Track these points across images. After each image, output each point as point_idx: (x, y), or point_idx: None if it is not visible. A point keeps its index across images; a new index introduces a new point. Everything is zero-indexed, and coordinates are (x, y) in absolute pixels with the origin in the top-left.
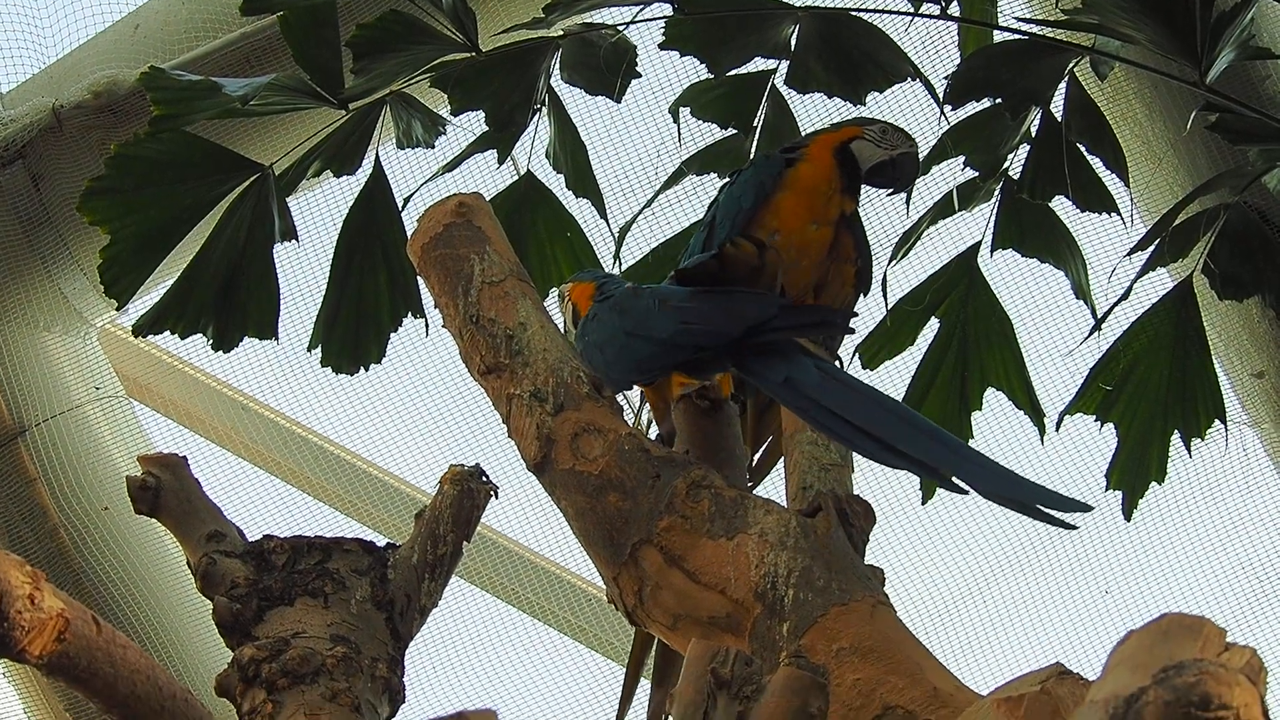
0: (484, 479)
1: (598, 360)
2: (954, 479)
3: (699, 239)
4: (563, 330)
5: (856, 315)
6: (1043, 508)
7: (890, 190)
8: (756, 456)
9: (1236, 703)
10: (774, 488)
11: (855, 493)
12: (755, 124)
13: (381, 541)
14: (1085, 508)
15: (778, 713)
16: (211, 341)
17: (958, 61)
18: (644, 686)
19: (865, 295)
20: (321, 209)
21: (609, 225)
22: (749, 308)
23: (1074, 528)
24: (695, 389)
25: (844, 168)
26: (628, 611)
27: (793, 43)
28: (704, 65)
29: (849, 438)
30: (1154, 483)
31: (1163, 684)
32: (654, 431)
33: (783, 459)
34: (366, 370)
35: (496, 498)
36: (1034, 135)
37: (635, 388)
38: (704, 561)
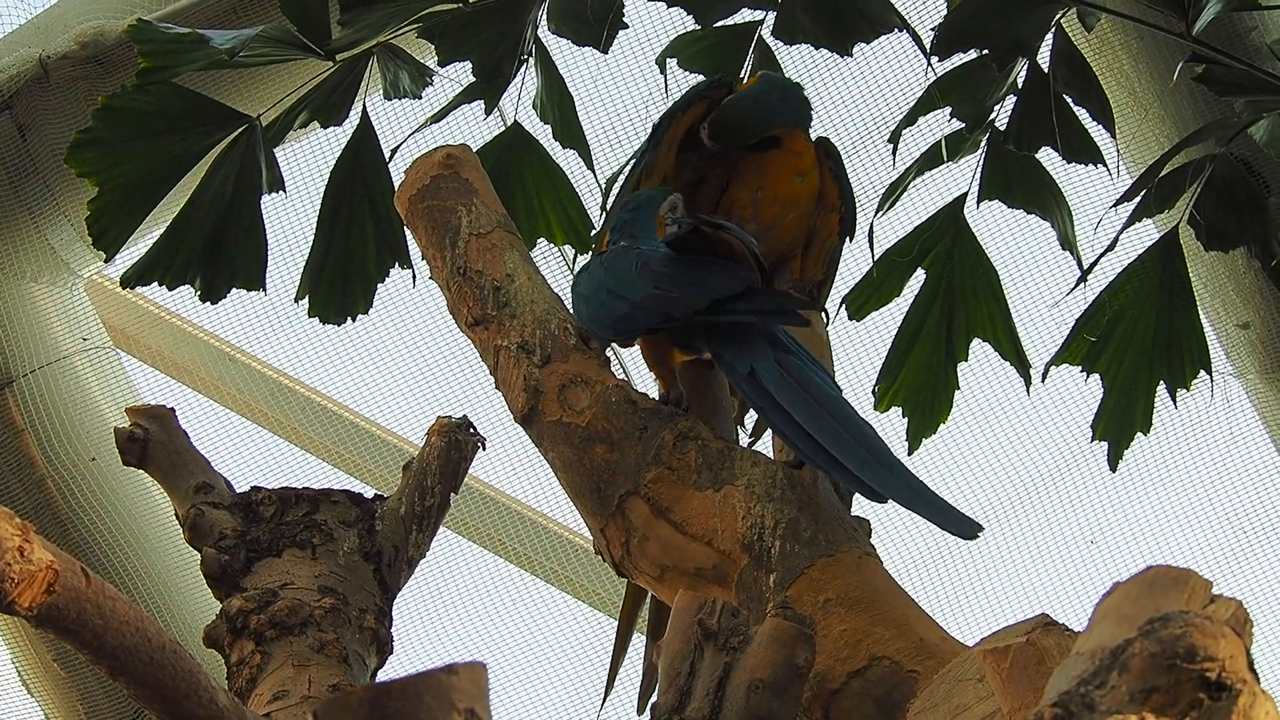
0: (471, 430)
1: (582, 312)
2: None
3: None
4: None
5: (814, 308)
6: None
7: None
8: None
9: (1222, 654)
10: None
11: None
12: (742, 75)
13: (369, 493)
14: (976, 529)
15: (765, 663)
16: (199, 293)
17: (944, 13)
18: (638, 640)
19: (850, 240)
20: (309, 160)
21: (596, 176)
22: (716, 281)
23: (972, 538)
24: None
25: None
26: (615, 563)
27: None
28: (691, 16)
29: (795, 440)
30: (1139, 433)
31: (1149, 636)
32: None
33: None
34: (354, 321)
35: (484, 449)
36: (1020, 86)
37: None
38: (691, 513)
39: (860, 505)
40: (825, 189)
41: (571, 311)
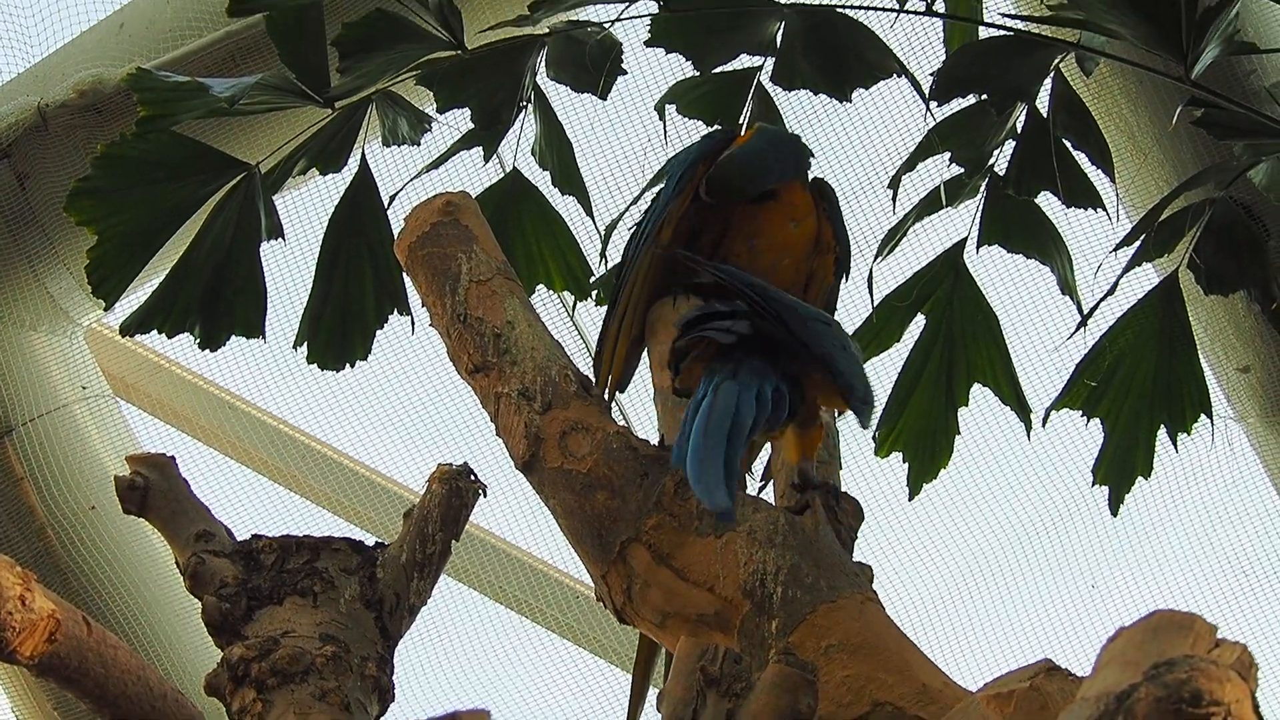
0: (472, 478)
1: None
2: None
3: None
4: None
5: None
6: None
7: None
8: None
9: (1228, 699)
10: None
11: (843, 490)
12: (741, 121)
13: (370, 540)
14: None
15: (767, 710)
16: (198, 340)
17: (943, 58)
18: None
19: (846, 280)
20: (307, 207)
21: (595, 223)
22: None
23: None
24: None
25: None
26: (616, 610)
27: (778, 39)
28: (690, 62)
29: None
30: (1140, 478)
31: (1154, 680)
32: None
33: (770, 455)
34: (352, 367)
35: (485, 496)
36: (1019, 131)
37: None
38: (692, 559)
39: (862, 551)
40: (821, 231)
41: None
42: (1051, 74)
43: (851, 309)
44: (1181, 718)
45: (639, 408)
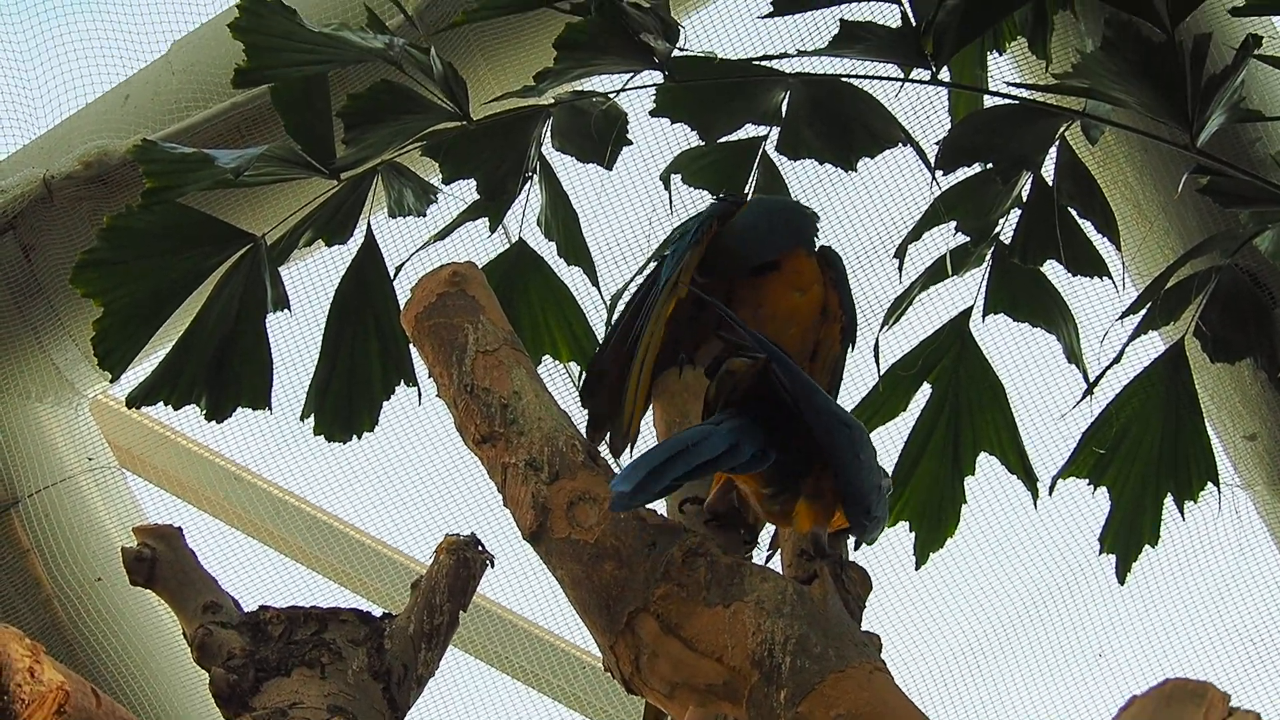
0: (480, 548)
1: None
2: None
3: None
4: None
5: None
6: None
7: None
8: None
9: None
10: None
11: (851, 559)
12: (747, 190)
13: (377, 611)
14: None
15: None
16: (205, 412)
17: (948, 126)
18: None
19: (852, 348)
20: (314, 278)
21: (601, 293)
22: None
23: None
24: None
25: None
26: (624, 680)
27: (783, 109)
28: (695, 132)
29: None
30: (1147, 546)
31: None
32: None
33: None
34: (359, 439)
35: (492, 567)
36: (1025, 199)
37: None
38: (701, 629)
39: (870, 620)
40: (827, 299)
41: None
42: (1057, 142)
43: (857, 378)
44: None
45: None
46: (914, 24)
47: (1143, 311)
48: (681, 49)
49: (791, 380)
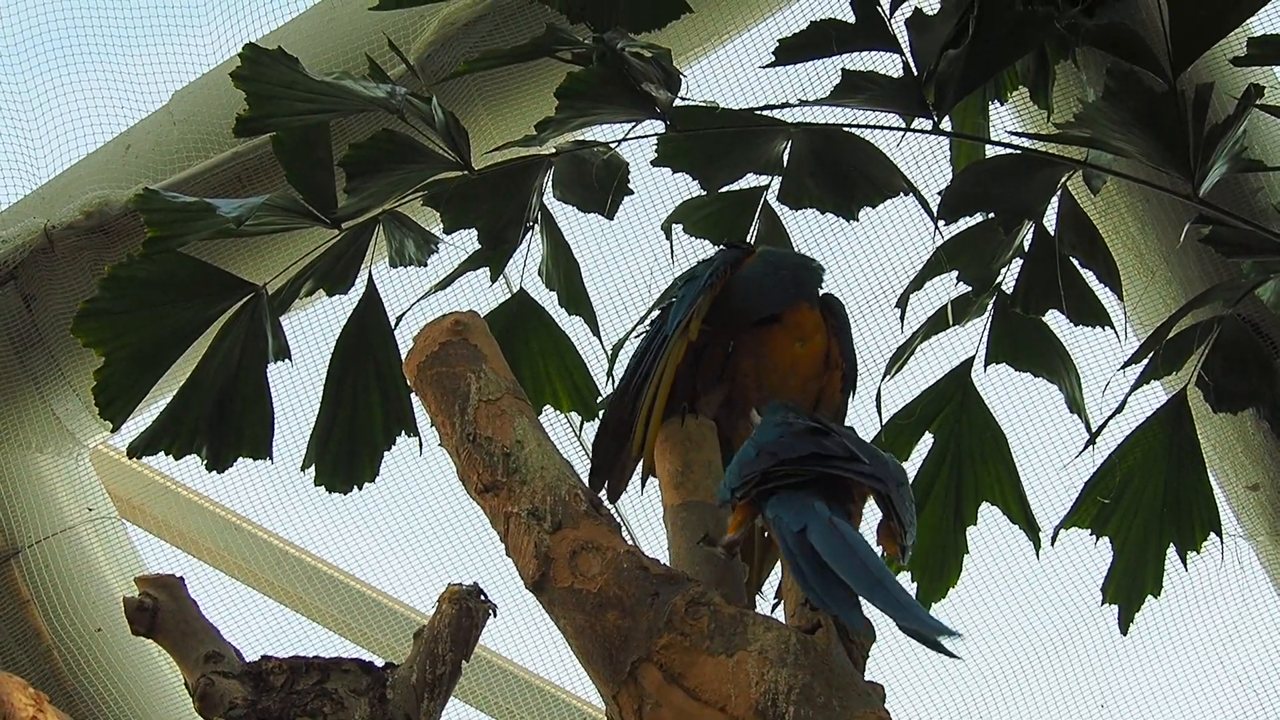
0: (482, 598)
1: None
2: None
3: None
4: None
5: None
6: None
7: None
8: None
9: None
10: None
11: None
12: (749, 239)
13: (379, 662)
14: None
15: None
16: (206, 462)
17: (950, 176)
18: None
19: (853, 395)
20: (315, 328)
21: (602, 343)
22: (820, 443)
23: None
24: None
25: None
26: None
27: (785, 159)
28: (696, 181)
29: (814, 587)
30: (1150, 596)
31: None
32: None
33: (782, 575)
34: (360, 489)
35: (495, 616)
36: (1027, 249)
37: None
38: (704, 679)
39: (874, 670)
40: (829, 349)
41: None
42: (1058, 192)
43: (860, 427)
44: None
45: (646, 529)
46: (916, 74)
47: (1145, 361)
48: (683, 99)
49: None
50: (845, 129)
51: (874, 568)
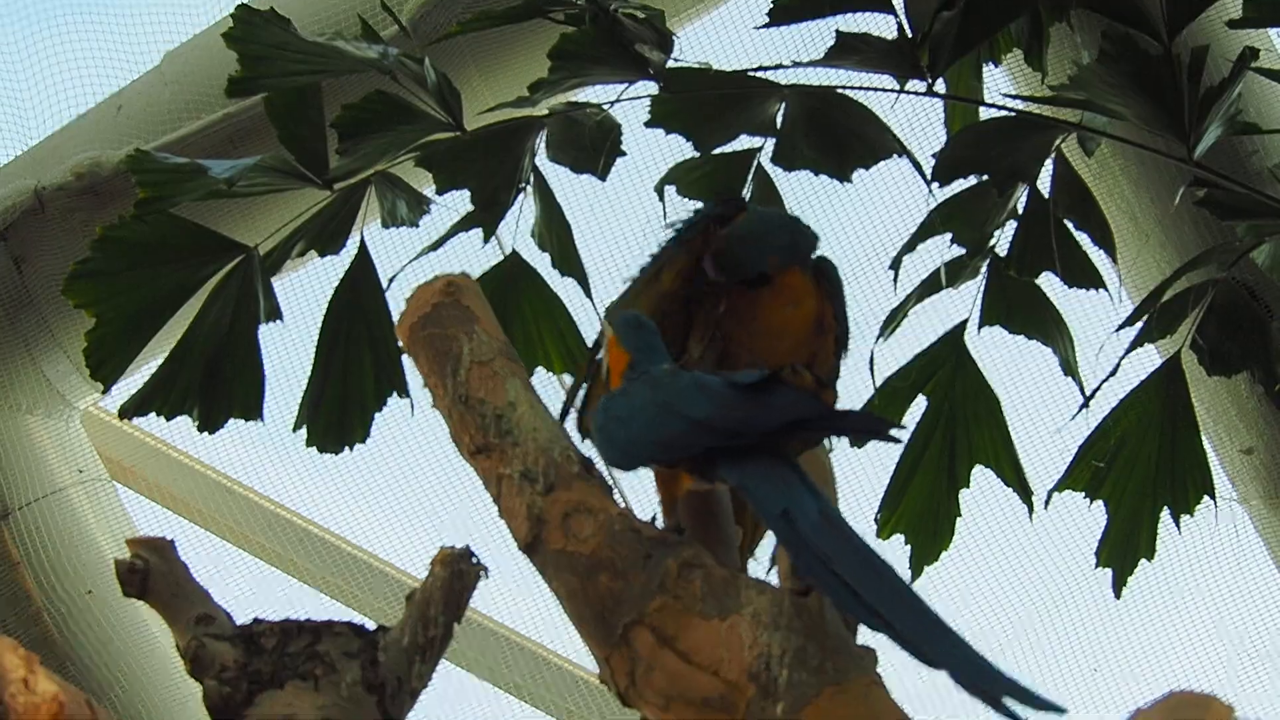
0: (474, 560)
1: (618, 435)
2: (930, 658)
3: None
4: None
5: (904, 426)
6: (1011, 701)
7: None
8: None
9: None
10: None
11: None
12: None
13: (370, 624)
14: (1058, 709)
15: None
16: (197, 423)
17: (944, 138)
18: None
19: (845, 358)
20: (306, 289)
21: (594, 304)
22: (789, 403)
23: (1060, 710)
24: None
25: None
26: (620, 693)
27: (779, 120)
28: (690, 143)
29: (829, 586)
30: (1143, 559)
31: None
32: (659, 522)
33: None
34: (351, 451)
35: (487, 579)
36: (1021, 212)
37: (647, 469)
38: (696, 642)
39: (866, 633)
40: (822, 312)
41: (595, 437)
42: (1053, 155)
43: (853, 390)
44: None
45: (638, 490)
46: (910, 35)
47: (1139, 324)
48: (676, 60)
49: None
50: (839, 91)
51: (883, 572)
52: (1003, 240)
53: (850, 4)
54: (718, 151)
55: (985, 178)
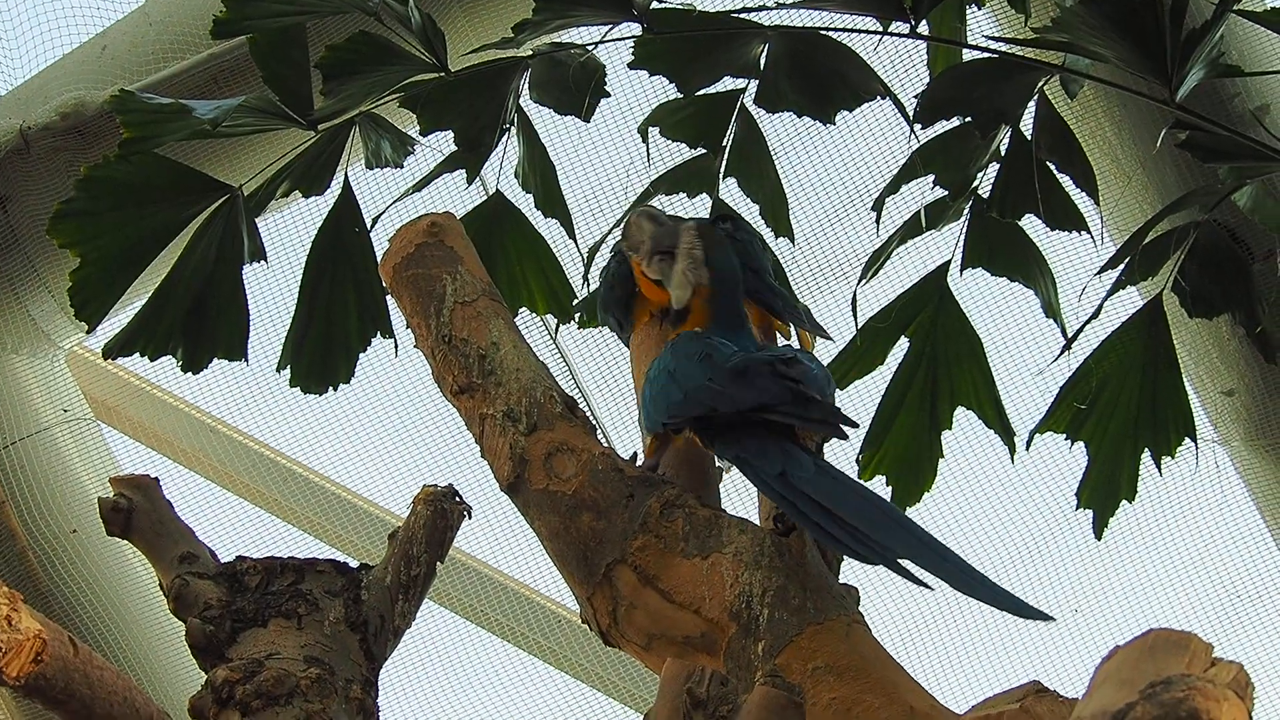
0: (457, 499)
1: (645, 395)
2: (936, 577)
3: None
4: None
5: (856, 425)
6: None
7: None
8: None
9: (1224, 718)
10: (747, 506)
11: None
12: (724, 143)
13: (353, 563)
14: (1046, 617)
15: None
16: (181, 363)
17: (927, 80)
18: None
19: (784, 299)
20: (290, 230)
21: (578, 245)
22: (766, 386)
23: (1049, 619)
24: None
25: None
26: (602, 632)
27: (762, 62)
28: (673, 85)
29: (834, 535)
30: (1125, 501)
31: (1151, 699)
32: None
33: None
34: (335, 390)
35: (470, 518)
36: (1003, 154)
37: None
38: (678, 581)
39: (848, 573)
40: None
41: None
42: (1035, 97)
43: (835, 331)
44: None
45: (621, 430)
46: None
47: (1121, 266)
48: (660, 1)
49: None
50: (822, 32)
51: (884, 508)
52: (985, 182)
53: None
54: (701, 93)
55: (968, 119)
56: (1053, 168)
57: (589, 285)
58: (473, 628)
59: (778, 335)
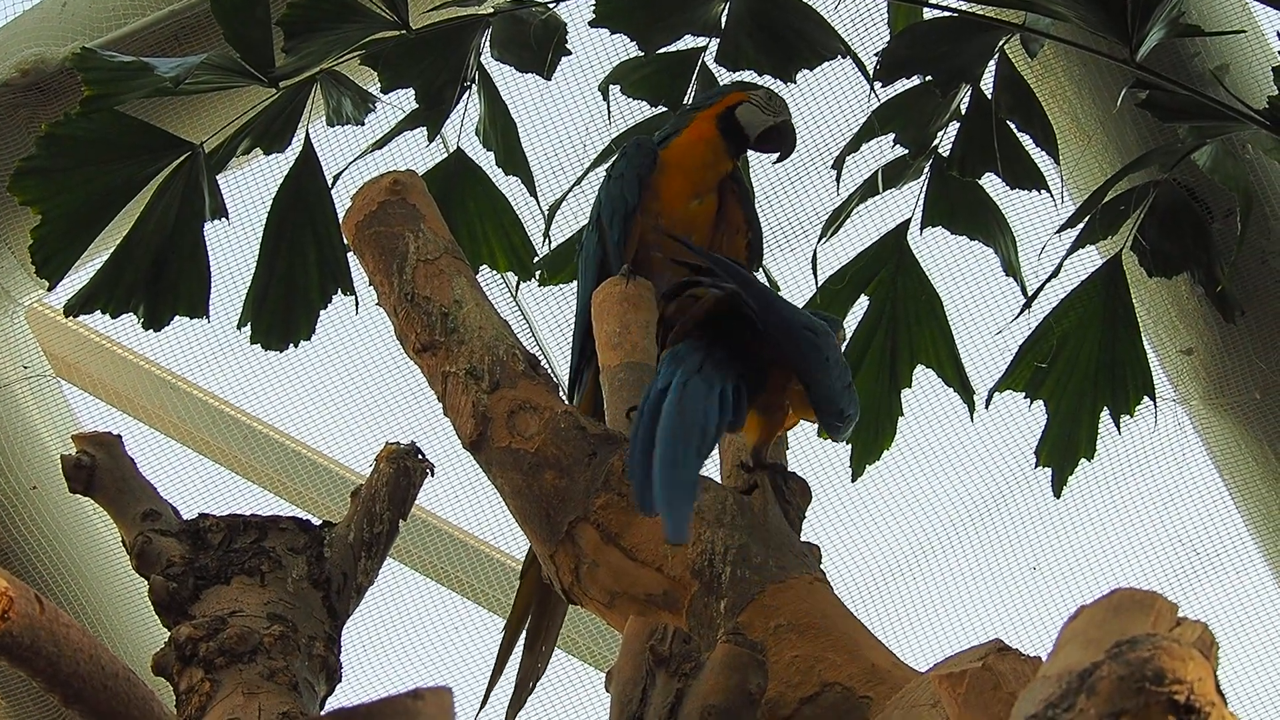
0: (420, 457)
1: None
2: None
3: (590, 240)
4: None
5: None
6: None
7: (776, 158)
8: None
9: (1190, 677)
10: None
11: (791, 470)
12: (685, 101)
13: (316, 521)
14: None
15: (716, 690)
16: (142, 320)
17: (888, 39)
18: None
19: (758, 267)
20: (252, 187)
21: (539, 203)
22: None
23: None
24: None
25: (729, 135)
26: (564, 590)
27: (723, 20)
28: (634, 43)
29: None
30: (1083, 459)
31: (1116, 659)
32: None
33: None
34: (296, 347)
35: (433, 476)
36: (964, 113)
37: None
38: (641, 539)
39: (809, 531)
40: (729, 210)
41: None
42: (996, 56)
43: (795, 290)
44: (1144, 696)
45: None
46: None
47: (1080, 225)
48: None
49: (757, 301)
50: None
51: (673, 441)
52: (945, 141)
53: None
54: (662, 51)
55: (928, 78)
56: (1013, 127)
57: (549, 243)
58: (435, 585)
59: None
